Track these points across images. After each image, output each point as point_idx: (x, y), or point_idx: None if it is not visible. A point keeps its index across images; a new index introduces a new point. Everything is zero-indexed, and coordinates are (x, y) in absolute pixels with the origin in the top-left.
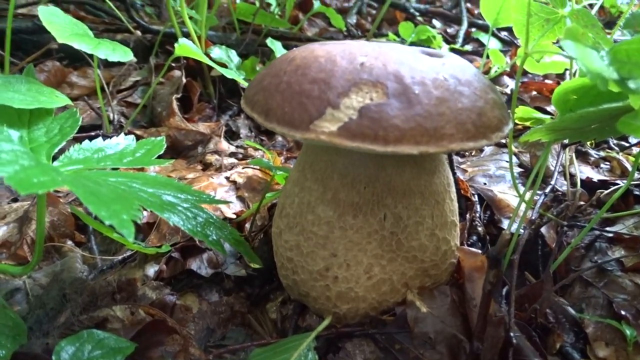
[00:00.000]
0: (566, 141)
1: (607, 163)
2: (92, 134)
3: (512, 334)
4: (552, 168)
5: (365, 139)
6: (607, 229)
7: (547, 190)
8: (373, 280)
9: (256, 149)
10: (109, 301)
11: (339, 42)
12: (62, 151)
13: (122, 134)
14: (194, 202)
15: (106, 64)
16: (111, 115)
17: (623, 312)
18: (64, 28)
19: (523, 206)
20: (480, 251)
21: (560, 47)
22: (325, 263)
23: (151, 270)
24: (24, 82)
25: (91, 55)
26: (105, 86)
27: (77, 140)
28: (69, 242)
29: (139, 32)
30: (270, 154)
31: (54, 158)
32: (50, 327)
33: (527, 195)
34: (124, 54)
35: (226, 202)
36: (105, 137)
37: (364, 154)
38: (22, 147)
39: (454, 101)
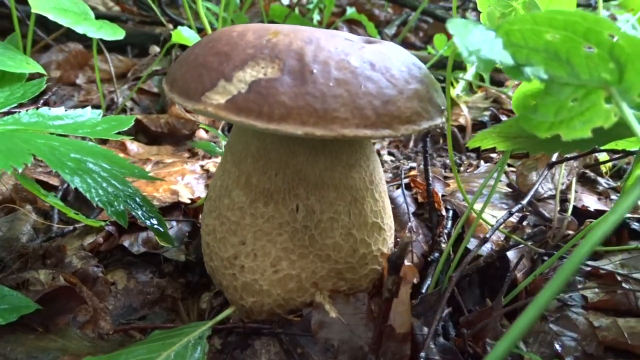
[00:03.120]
0: (554, 159)
1: (618, 195)
2: None
3: (422, 355)
4: (542, 190)
5: (249, 113)
6: (588, 262)
7: (515, 209)
8: (279, 274)
9: None
10: (39, 265)
11: (272, 24)
12: None
13: (89, 107)
14: (118, 174)
15: (135, 54)
16: (120, 101)
17: (567, 358)
18: (69, 13)
19: (493, 224)
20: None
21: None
22: (235, 250)
23: (89, 241)
24: (1, 47)
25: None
26: (122, 74)
27: None
28: (28, 207)
29: (171, 26)
30: (216, 131)
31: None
32: None
33: (498, 215)
34: (112, 33)
35: (154, 179)
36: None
37: (276, 138)
38: None
39: (356, 85)
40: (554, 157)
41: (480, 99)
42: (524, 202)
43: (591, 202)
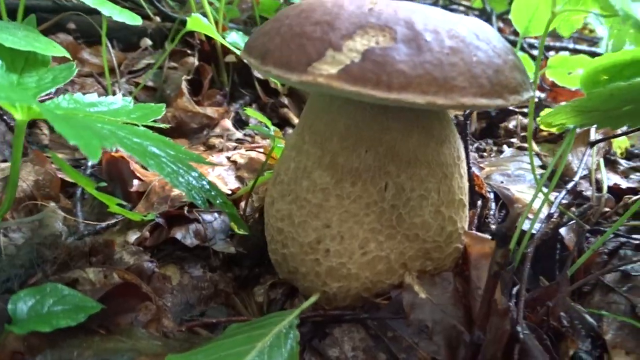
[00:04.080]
0: (592, 137)
1: (638, 174)
2: None
3: (519, 329)
4: (576, 169)
5: (366, 83)
6: (634, 236)
7: (569, 186)
8: (368, 256)
9: (264, 138)
10: (84, 263)
11: None
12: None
13: (119, 94)
14: (182, 159)
15: (122, 48)
16: (117, 92)
17: None
18: None
19: (540, 204)
20: (488, 236)
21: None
22: (317, 234)
23: (133, 237)
24: (22, 28)
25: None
26: (117, 67)
27: None
28: (52, 204)
29: (158, 19)
30: (270, 122)
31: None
32: (18, 286)
33: (545, 191)
34: (132, 18)
35: (213, 164)
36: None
37: (368, 113)
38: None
39: (468, 53)
40: (592, 138)
41: None
42: (576, 179)
43: (620, 181)
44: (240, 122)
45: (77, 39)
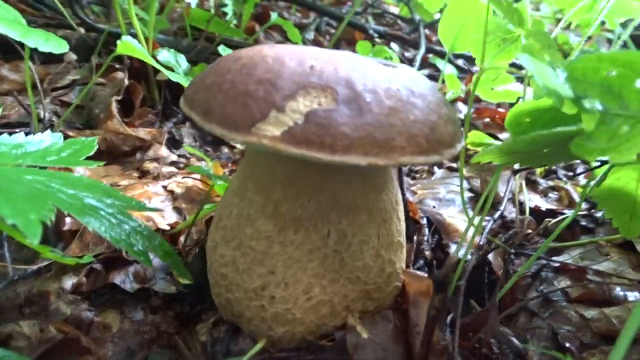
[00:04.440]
0: (517, 167)
1: (556, 193)
2: (17, 130)
3: None
4: (502, 194)
5: (311, 145)
6: (554, 258)
7: (496, 216)
8: (312, 301)
9: (200, 160)
10: (17, 315)
11: (288, 45)
12: None
13: (48, 130)
14: (121, 208)
15: (43, 61)
16: (42, 114)
17: (567, 345)
18: None
19: (471, 231)
20: (426, 275)
21: (516, 67)
22: (262, 281)
23: (69, 282)
24: None
25: (24, 47)
26: (39, 83)
27: None
28: None
29: (82, 30)
30: (212, 162)
31: None
32: None
33: (476, 220)
34: (58, 46)
35: (157, 210)
36: (28, 134)
37: (309, 163)
38: None
39: (406, 112)
40: (516, 166)
41: None
42: (502, 207)
43: (540, 202)
44: (174, 142)
45: None
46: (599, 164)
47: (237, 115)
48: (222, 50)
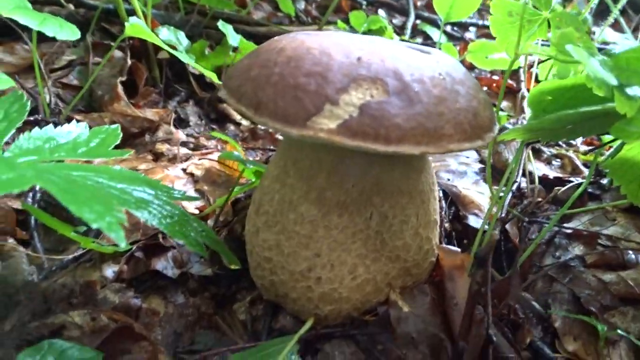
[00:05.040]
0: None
1: (559, 160)
2: (31, 118)
3: (491, 332)
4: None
5: (366, 137)
6: (565, 225)
7: (514, 188)
8: (357, 280)
9: (209, 139)
10: (65, 306)
11: (323, 32)
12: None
13: (74, 121)
14: (166, 198)
15: (36, 40)
16: (47, 98)
17: (590, 307)
18: (8, 2)
19: (489, 203)
20: (459, 249)
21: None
22: (308, 263)
23: (109, 270)
24: None
25: (20, 28)
26: (39, 66)
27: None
28: (11, 240)
29: (71, 6)
30: (237, 145)
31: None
32: None
33: (491, 192)
34: (72, 33)
35: (197, 199)
36: (46, 122)
37: (355, 151)
38: None
39: (452, 100)
40: None
41: None
42: (518, 179)
43: (547, 170)
44: (179, 121)
45: None
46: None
47: (291, 109)
48: (222, 26)
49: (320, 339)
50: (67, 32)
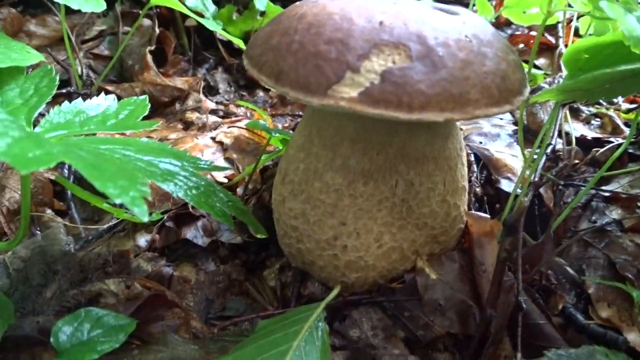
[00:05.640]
0: None
1: (598, 119)
2: (64, 91)
3: (521, 299)
4: (548, 126)
5: (388, 105)
6: (603, 188)
7: (549, 150)
8: (383, 248)
9: (238, 106)
10: (101, 274)
11: None
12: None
13: (102, 93)
14: (193, 169)
15: (66, 12)
16: (79, 69)
17: (626, 273)
18: None
19: (522, 165)
20: (488, 216)
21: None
22: (334, 232)
23: (142, 240)
24: None
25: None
26: (68, 36)
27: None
28: (49, 211)
29: None
30: (264, 113)
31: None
32: (37, 304)
33: (526, 155)
34: (97, 4)
35: (225, 169)
36: (78, 95)
37: (376, 119)
38: (5, 113)
39: (478, 64)
40: None
41: None
42: (553, 142)
43: (585, 130)
44: (209, 88)
45: (15, 6)
46: None
47: (311, 78)
48: None
49: (347, 305)
50: (93, 3)
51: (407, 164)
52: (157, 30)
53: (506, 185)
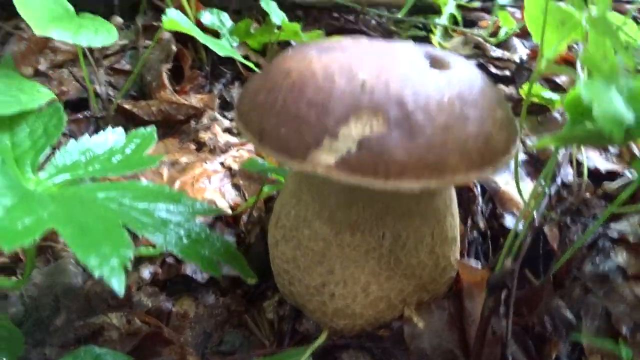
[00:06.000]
0: None
1: (616, 146)
2: (80, 116)
3: (508, 353)
4: (560, 158)
5: (365, 173)
6: (612, 225)
7: (553, 189)
8: (370, 297)
9: None
10: (105, 307)
11: (340, 44)
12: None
13: (110, 127)
14: (188, 214)
15: None
16: (98, 88)
17: (622, 326)
18: (43, 12)
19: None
20: (479, 266)
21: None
22: (322, 279)
23: (146, 272)
24: (3, 77)
25: None
26: (90, 53)
27: None
28: (61, 239)
29: None
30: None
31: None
32: (46, 334)
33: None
34: (108, 35)
35: (219, 211)
36: (96, 119)
37: None
38: (5, 171)
39: (459, 128)
40: None
41: (459, 43)
42: (561, 178)
43: (599, 161)
44: (225, 104)
45: None
46: None
47: (291, 142)
48: (265, 4)
49: (336, 348)
50: (103, 36)
51: (393, 217)
52: (175, 48)
53: (510, 221)
